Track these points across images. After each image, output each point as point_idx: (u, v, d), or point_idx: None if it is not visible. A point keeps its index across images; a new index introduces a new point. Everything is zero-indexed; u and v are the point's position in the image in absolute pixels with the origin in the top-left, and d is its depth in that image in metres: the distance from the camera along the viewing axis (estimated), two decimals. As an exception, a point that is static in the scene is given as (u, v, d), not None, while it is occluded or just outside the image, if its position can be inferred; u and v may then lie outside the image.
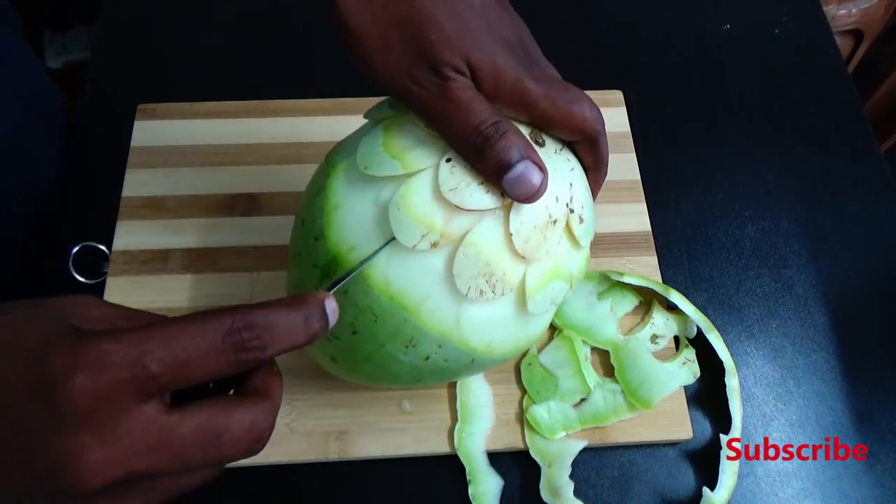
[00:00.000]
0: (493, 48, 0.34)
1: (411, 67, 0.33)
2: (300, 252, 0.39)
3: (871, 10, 1.04)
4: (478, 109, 0.33)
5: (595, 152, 0.38)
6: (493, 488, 0.48)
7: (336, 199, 0.37)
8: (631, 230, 0.58)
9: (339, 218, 0.36)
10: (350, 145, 0.39)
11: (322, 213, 0.37)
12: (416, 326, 0.36)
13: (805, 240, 0.60)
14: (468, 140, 0.34)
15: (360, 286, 0.35)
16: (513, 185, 0.34)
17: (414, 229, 0.34)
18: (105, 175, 0.59)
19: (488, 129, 0.33)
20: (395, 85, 0.34)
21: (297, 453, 0.48)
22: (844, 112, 0.67)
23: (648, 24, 0.72)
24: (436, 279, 0.35)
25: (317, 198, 0.38)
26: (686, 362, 0.52)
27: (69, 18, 1.46)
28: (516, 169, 0.33)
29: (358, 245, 0.36)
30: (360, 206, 0.36)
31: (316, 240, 0.37)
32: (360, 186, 0.36)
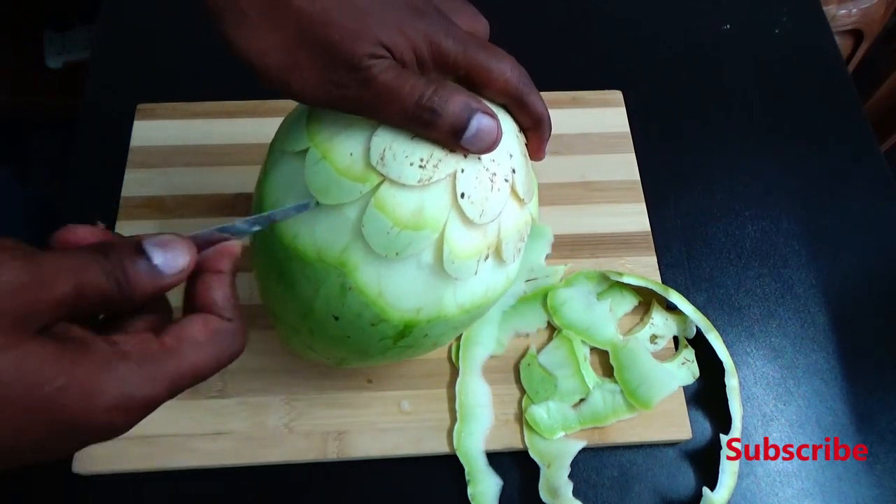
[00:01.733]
0: (397, 20, 0.32)
1: (329, 75, 0.32)
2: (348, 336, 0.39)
3: (871, 10, 1.04)
4: (409, 86, 0.32)
5: (526, 111, 0.38)
6: (492, 488, 0.48)
7: (375, 289, 0.37)
8: (630, 230, 0.58)
9: (393, 298, 0.37)
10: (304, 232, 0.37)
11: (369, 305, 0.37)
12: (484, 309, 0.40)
13: (805, 240, 0.60)
14: (413, 117, 0.33)
15: (439, 327, 0.38)
16: (473, 142, 0.34)
17: (469, 266, 0.36)
18: (104, 175, 0.59)
19: (429, 100, 0.33)
20: (320, 99, 0.33)
21: (296, 453, 0.48)
22: (844, 112, 0.67)
23: (648, 24, 0.72)
24: (488, 270, 0.38)
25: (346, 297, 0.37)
26: (685, 362, 0.52)
27: (69, 18, 1.46)
28: (471, 126, 0.33)
29: (424, 305, 0.37)
30: (406, 279, 0.37)
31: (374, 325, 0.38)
32: (395, 265, 0.36)
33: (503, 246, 0.38)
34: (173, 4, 0.71)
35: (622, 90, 0.65)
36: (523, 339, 0.53)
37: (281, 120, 0.61)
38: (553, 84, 0.64)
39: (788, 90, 0.68)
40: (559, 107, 0.63)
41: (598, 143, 0.62)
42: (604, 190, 0.60)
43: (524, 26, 0.70)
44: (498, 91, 0.36)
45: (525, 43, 0.71)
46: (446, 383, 0.51)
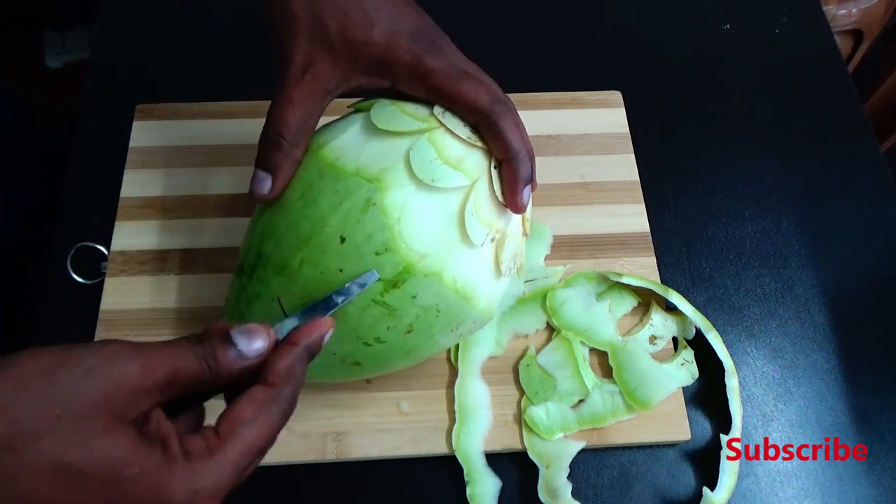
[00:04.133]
0: (392, 35, 0.39)
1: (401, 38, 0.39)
2: (341, 269, 0.39)
3: (871, 10, 1.04)
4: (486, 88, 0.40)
5: (495, 135, 0.39)
6: (491, 489, 0.48)
7: (397, 213, 0.38)
8: (630, 231, 0.58)
9: (407, 229, 0.38)
10: (349, 154, 0.40)
11: (384, 228, 0.38)
12: (468, 311, 0.41)
13: (805, 240, 0.60)
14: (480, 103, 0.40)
15: (432, 288, 0.39)
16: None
17: (482, 231, 0.40)
18: (104, 175, 0.59)
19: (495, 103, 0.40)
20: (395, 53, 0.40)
21: (295, 454, 0.48)
22: (844, 112, 0.67)
23: (648, 24, 0.72)
24: (487, 268, 0.41)
25: (366, 214, 0.38)
26: (684, 363, 0.52)
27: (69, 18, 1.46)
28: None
29: (429, 252, 0.39)
30: (427, 216, 0.39)
31: (378, 254, 0.38)
32: (422, 198, 0.39)
33: (503, 248, 0.41)
34: (173, 5, 0.71)
35: (622, 91, 0.65)
36: (522, 339, 0.53)
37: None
38: (553, 84, 0.64)
39: (788, 90, 0.68)
40: (559, 107, 0.63)
41: (598, 144, 0.62)
42: (603, 190, 0.60)
43: (524, 27, 0.70)
44: (466, 106, 0.39)
45: (525, 44, 0.71)
46: (445, 384, 0.51)
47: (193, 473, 0.27)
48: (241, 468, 0.29)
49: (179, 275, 0.54)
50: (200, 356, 0.30)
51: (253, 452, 0.29)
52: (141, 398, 0.28)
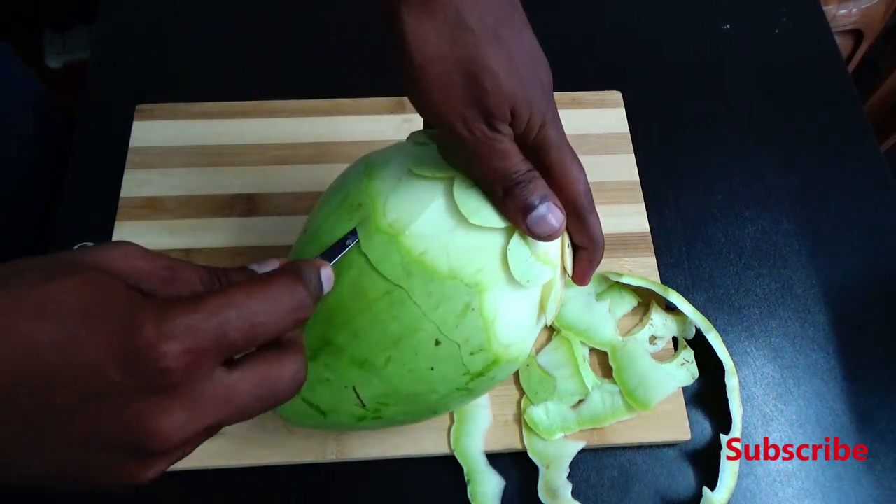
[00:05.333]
0: (532, 95, 0.36)
1: (466, 112, 0.35)
2: (432, 368, 0.39)
3: (871, 10, 1.04)
4: (516, 160, 0.37)
5: (584, 228, 0.40)
6: (491, 489, 0.48)
7: (492, 314, 0.38)
8: (630, 231, 0.58)
9: (500, 327, 0.38)
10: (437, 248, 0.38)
11: (481, 331, 0.38)
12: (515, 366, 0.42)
13: (805, 240, 0.60)
14: (500, 182, 0.37)
15: (510, 368, 0.41)
16: (537, 223, 0.37)
17: (554, 308, 0.41)
18: (104, 175, 0.59)
19: (522, 175, 0.37)
20: (444, 122, 0.36)
21: (295, 454, 0.48)
22: (844, 112, 0.67)
23: (648, 24, 0.72)
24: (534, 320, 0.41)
25: (464, 319, 0.38)
26: (684, 363, 0.52)
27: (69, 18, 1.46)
28: (539, 209, 0.37)
29: (514, 342, 0.39)
30: (516, 311, 0.39)
31: (473, 354, 0.38)
32: (514, 295, 0.39)
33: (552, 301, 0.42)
34: (173, 5, 0.71)
35: (621, 91, 0.65)
36: (523, 339, 0.53)
37: (280, 120, 0.61)
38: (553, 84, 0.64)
39: (788, 90, 0.68)
40: (559, 107, 0.63)
41: (598, 144, 0.62)
42: (603, 190, 0.60)
43: (524, 26, 0.70)
44: (566, 197, 0.39)
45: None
46: (446, 384, 0.51)
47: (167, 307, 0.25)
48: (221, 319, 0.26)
49: (179, 275, 0.54)
50: (209, 268, 0.29)
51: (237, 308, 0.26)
52: (137, 273, 0.27)
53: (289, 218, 0.57)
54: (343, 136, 0.61)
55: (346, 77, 0.66)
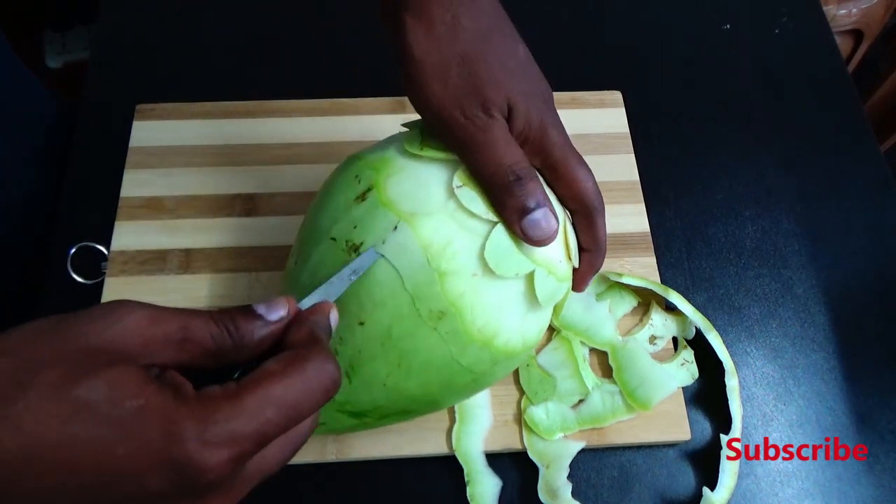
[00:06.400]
0: (529, 94, 0.37)
1: (463, 100, 0.36)
2: None
3: (871, 10, 1.04)
4: (513, 150, 0.37)
5: (591, 230, 0.40)
6: (491, 489, 0.48)
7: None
8: (629, 231, 0.58)
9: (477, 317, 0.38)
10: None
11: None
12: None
13: (805, 240, 0.60)
14: (498, 176, 0.36)
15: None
16: (531, 227, 0.37)
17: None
18: (103, 175, 0.59)
19: (520, 170, 0.36)
20: (441, 112, 0.37)
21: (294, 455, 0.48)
22: (844, 112, 0.67)
23: (648, 24, 0.72)
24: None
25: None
26: (684, 363, 0.52)
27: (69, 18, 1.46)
28: (535, 214, 0.37)
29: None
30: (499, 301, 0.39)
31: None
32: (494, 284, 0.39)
33: None
34: (172, 5, 0.71)
35: (621, 91, 0.65)
36: (523, 339, 0.53)
37: (280, 120, 0.61)
38: (552, 84, 0.64)
39: (788, 90, 0.68)
40: (558, 107, 0.63)
41: (598, 144, 0.62)
42: (603, 190, 0.59)
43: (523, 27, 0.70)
44: (574, 196, 0.39)
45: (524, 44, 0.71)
46: (445, 384, 0.51)
47: (206, 412, 0.25)
48: (262, 421, 0.26)
49: (179, 275, 0.54)
50: (217, 318, 0.28)
51: (277, 406, 0.26)
52: (152, 346, 0.26)
53: (289, 218, 0.57)
54: (343, 136, 0.61)
55: (346, 77, 0.66)
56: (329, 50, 0.68)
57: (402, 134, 0.42)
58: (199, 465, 0.24)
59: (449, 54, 0.36)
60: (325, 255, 0.39)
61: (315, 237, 0.40)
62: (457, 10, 0.36)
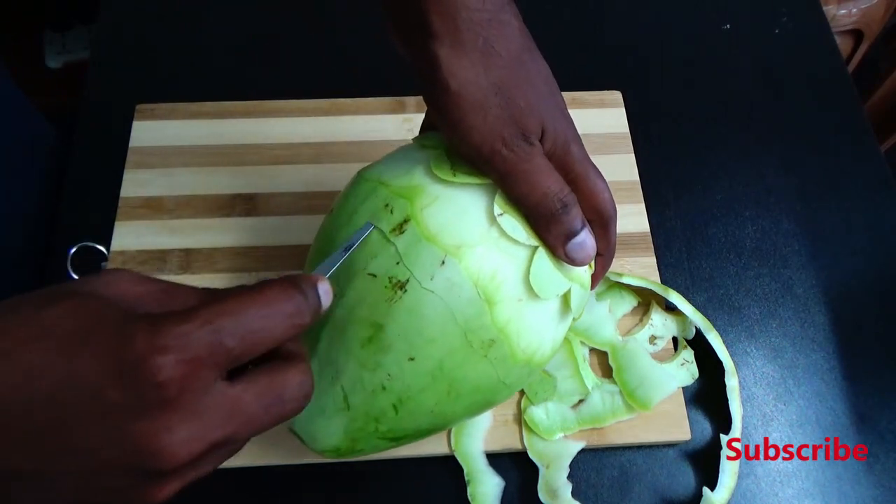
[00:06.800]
0: (556, 113, 0.37)
1: (504, 131, 0.36)
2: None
3: (871, 10, 1.04)
4: (555, 177, 0.37)
5: (606, 236, 0.41)
6: (491, 489, 0.48)
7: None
8: (629, 231, 0.58)
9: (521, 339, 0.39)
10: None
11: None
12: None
13: (805, 240, 0.60)
14: (545, 204, 0.37)
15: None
16: (576, 250, 0.38)
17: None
18: (103, 175, 0.59)
19: (565, 198, 0.37)
20: (483, 145, 0.36)
21: (295, 454, 0.48)
22: (844, 112, 0.67)
23: (648, 24, 0.72)
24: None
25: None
26: (684, 363, 0.52)
27: (69, 18, 1.46)
28: (580, 237, 0.38)
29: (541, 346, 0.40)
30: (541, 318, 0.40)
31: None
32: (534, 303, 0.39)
33: None
34: (172, 5, 0.71)
35: (621, 91, 0.65)
36: (523, 339, 0.53)
37: (280, 120, 0.61)
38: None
39: (788, 90, 0.68)
40: (559, 107, 0.63)
41: (598, 144, 0.62)
42: (603, 190, 0.59)
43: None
44: (593, 207, 0.40)
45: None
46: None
47: (159, 320, 0.25)
48: (214, 328, 0.25)
49: (179, 275, 0.54)
50: (204, 290, 0.29)
51: (232, 318, 0.26)
52: (130, 298, 0.27)
53: (289, 218, 0.57)
54: (343, 136, 0.61)
55: (346, 77, 0.66)
56: (329, 50, 0.68)
57: (423, 153, 0.40)
58: (150, 366, 0.24)
59: (486, 85, 0.35)
60: (364, 292, 0.37)
61: (346, 272, 0.38)
62: (488, 33, 0.35)
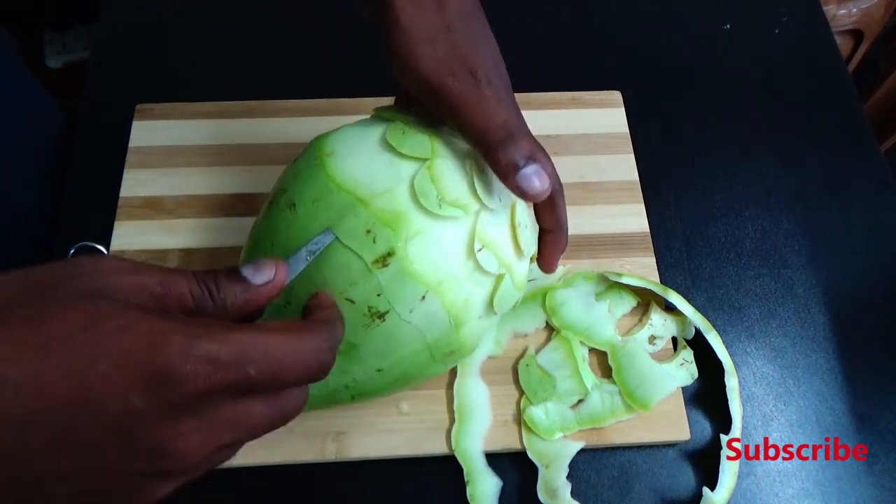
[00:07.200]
0: (503, 78, 0.39)
1: (452, 64, 0.37)
2: None
3: (871, 10, 1.04)
4: (504, 108, 0.37)
5: (553, 210, 0.41)
6: (491, 489, 0.48)
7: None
8: (629, 231, 0.58)
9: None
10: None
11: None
12: None
13: (805, 240, 0.60)
14: (493, 133, 0.37)
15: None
16: (524, 181, 0.37)
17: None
18: (103, 175, 0.59)
19: (514, 127, 0.37)
20: (431, 77, 0.37)
21: (294, 454, 0.48)
22: (844, 112, 0.67)
23: (648, 24, 0.72)
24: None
25: None
26: (684, 363, 0.52)
27: (69, 18, 1.47)
28: (530, 167, 0.37)
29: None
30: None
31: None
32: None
33: None
34: (173, 5, 0.71)
35: (621, 91, 0.65)
36: (522, 339, 0.53)
37: (280, 120, 0.61)
38: (552, 84, 0.64)
39: (788, 90, 0.68)
40: (558, 107, 0.63)
41: (597, 144, 0.62)
42: (603, 191, 0.60)
43: (524, 26, 0.70)
44: None
45: (525, 43, 0.71)
46: (445, 384, 0.51)
47: (195, 328, 0.25)
48: (245, 356, 0.26)
49: (179, 275, 0.54)
50: (199, 276, 0.28)
51: (263, 351, 0.26)
52: (128, 291, 0.26)
53: (288, 218, 0.57)
54: (343, 135, 0.61)
55: (346, 77, 0.66)
56: (329, 50, 0.68)
57: (398, 155, 0.40)
58: (181, 375, 0.24)
59: (436, 23, 0.37)
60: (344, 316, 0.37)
61: (312, 285, 0.38)
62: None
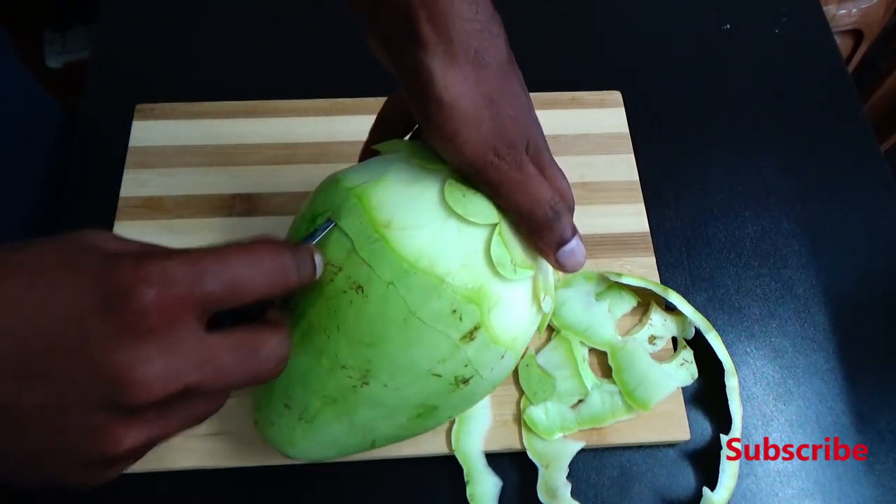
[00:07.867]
0: (534, 122, 0.39)
1: (496, 142, 0.36)
2: None
3: (871, 10, 1.04)
4: (546, 185, 0.38)
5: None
6: (490, 489, 0.48)
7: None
8: (629, 231, 0.58)
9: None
10: None
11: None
12: None
13: (805, 240, 0.60)
14: (539, 212, 0.37)
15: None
16: (566, 257, 0.38)
17: None
18: (103, 175, 0.59)
19: (557, 205, 0.38)
20: (475, 157, 0.36)
21: (294, 454, 0.48)
22: (844, 112, 0.67)
23: (648, 24, 0.72)
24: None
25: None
26: (684, 363, 0.52)
27: (69, 18, 1.47)
28: (571, 244, 0.38)
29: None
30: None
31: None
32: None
33: None
34: (173, 5, 0.71)
35: (621, 90, 0.65)
36: (522, 339, 0.53)
37: (280, 120, 0.61)
38: (552, 84, 0.64)
39: (788, 90, 0.68)
40: (558, 107, 0.63)
41: (597, 144, 0.62)
42: (603, 190, 0.60)
43: (524, 26, 0.70)
44: None
45: (525, 43, 0.71)
46: (445, 384, 0.51)
47: (145, 254, 0.26)
48: (197, 270, 0.26)
49: (179, 275, 0.54)
50: (182, 252, 0.29)
51: (217, 265, 0.27)
52: (109, 247, 0.27)
53: (289, 218, 0.57)
54: (343, 136, 0.61)
55: (346, 77, 0.66)
56: (329, 50, 0.68)
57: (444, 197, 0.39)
58: (133, 296, 0.24)
59: (478, 97, 0.35)
60: (428, 388, 0.38)
61: (404, 370, 0.37)
62: (479, 44, 0.35)
